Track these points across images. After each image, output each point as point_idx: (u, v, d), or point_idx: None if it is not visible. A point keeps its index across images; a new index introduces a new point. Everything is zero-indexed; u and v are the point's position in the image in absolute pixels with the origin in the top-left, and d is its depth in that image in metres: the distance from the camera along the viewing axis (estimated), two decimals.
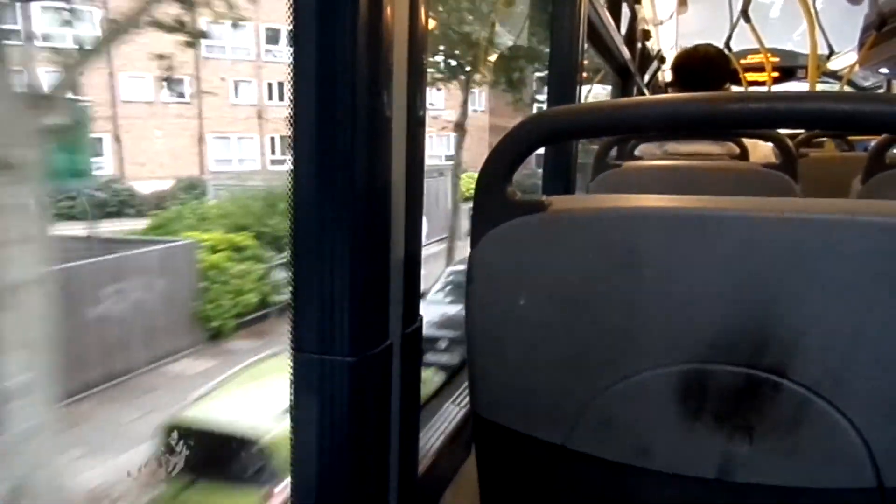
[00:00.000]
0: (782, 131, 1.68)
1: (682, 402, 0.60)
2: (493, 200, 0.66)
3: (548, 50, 1.76)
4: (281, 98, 22.47)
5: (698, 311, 0.59)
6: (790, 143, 1.56)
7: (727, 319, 0.58)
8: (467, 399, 1.17)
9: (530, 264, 0.65)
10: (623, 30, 2.98)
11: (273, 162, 22.15)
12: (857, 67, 4.55)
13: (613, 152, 1.81)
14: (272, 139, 22.88)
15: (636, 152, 1.91)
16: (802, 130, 2.86)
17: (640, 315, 0.61)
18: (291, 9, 0.61)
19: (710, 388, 0.60)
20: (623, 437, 0.65)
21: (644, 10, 3.46)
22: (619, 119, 0.65)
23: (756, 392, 0.58)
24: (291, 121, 0.63)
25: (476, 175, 0.68)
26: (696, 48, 2.03)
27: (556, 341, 0.65)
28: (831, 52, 4.82)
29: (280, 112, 22.35)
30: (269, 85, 22.71)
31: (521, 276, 0.66)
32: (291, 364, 0.67)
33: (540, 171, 1.81)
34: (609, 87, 3.43)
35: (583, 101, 1.89)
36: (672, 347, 0.60)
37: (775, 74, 5.13)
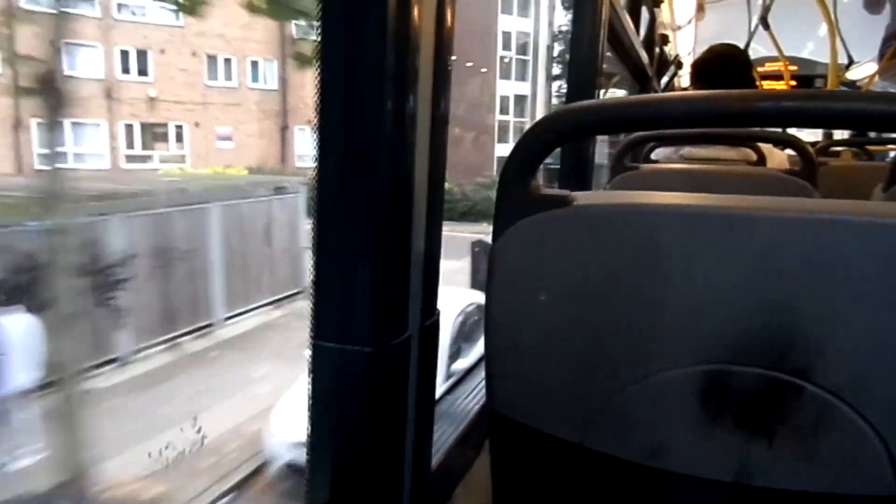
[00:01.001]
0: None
1: (702, 403, 0.60)
2: (516, 195, 0.65)
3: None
4: (143, 73, 15.53)
5: (721, 312, 0.59)
6: (810, 148, 1.55)
7: (750, 321, 0.57)
8: (482, 395, 1.18)
9: (553, 259, 0.65)
10: (642, 34, 2.97)
11: (130, 158, 15.37)
12: (876, 77, 4.51)
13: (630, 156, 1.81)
14: (129, 127, 15.83)
15: (653, 156, 1.90)
16: (819, 140, 2.84)
17: (661, 314, 0.61)
18: (320, 8, 0.62)
19: (731, 390, 0.59)
20: (640, 437, 0.64)
21: (663, 15, 3.44)
22: (642, 115, 0.64)
23: (777, 395, 0.58)
24: (318, 115, 0.64)
25: None
26: (719, 47, 2.01)
27: (576, 338, 0.65)
28: (850, 62, 4.78)
29: (142, 91, 15.58)
30: (125, 53, 15.48)
31: (542, 271, 0.66)
32: (311, 353, 0.68)
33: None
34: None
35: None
36: (693, 348, 0.60)
37: (793, 83, 5.08)
